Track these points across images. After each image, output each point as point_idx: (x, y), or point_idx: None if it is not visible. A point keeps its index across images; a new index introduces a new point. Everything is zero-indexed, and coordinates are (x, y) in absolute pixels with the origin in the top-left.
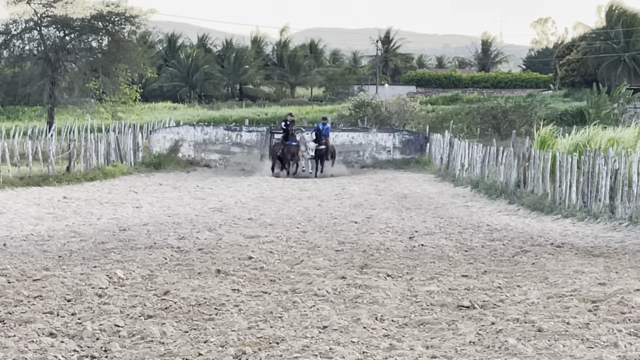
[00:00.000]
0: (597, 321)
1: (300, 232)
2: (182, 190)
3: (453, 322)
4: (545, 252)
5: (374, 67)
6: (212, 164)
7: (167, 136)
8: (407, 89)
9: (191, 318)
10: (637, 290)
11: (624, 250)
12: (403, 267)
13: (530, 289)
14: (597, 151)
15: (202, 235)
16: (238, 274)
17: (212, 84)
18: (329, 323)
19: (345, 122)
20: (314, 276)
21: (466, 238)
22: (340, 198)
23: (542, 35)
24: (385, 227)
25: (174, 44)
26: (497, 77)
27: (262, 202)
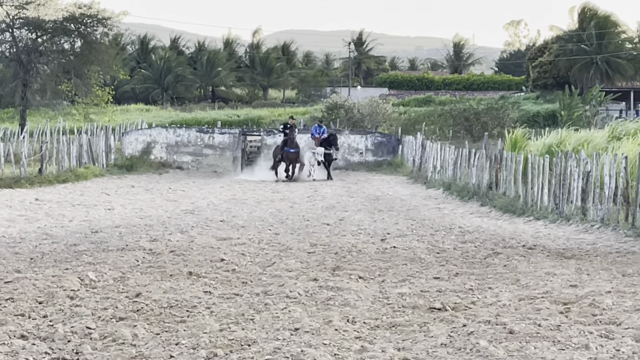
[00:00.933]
0: (568, 323)
1: (272, 234)
2: (154, 192)
3: (425, 324)
4: (517, 254)
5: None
6: (184, 166)
7: (140, 138)
8: (380, 91)
9: (163, 320)
10: (608, 292)
11: (596, 252)
12: (375, 269)
13: (502, 291)
14: (569, 153)
15: (174, 238)
16: (210, 276)
17: (185, 86)
18: (301, 325)
19: None
20: (286, 278)
21: (438, 240)
22: (313, 200)
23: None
24: (357, 229)
25: (146, 46)
26: (470, 79)
27: (235, 204)
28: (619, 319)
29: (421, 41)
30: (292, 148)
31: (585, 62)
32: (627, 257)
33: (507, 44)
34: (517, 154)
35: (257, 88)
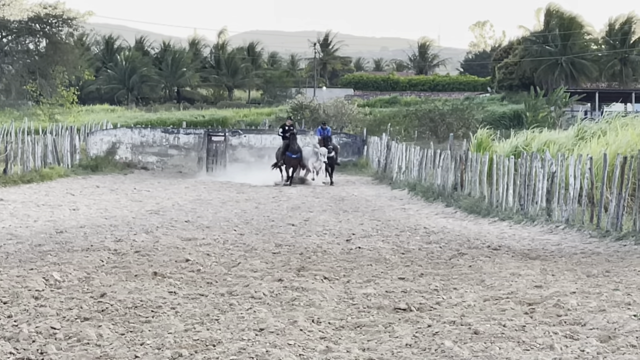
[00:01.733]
0: (533, 324)
1: (237, 234)
2: (119, 193)
3: (390, 324)
4: (482, 255)
5: (312, 70)
6: (149, 167)
7: (105, 138)
8: (345, 92)
9: (127, 320)
10: (573, 293)
11: (561, 253)
12: (340, 269)
13: (467, 292)
14: (534, 154)
15: (139, 238)
16: (175, 276)
17: (150, 86)
18: (266, 325)
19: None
20: (251, 279)
21: (403, 241)
22: (278, 200)
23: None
24: (322, 229)
25: (112, 46)
26: (435, 80)
27: (200, 205)
28: (584, 319)
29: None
30: (294, 153)
31: (550, 63)
32: (592, 258)
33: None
34: (482, 155)
35: (222, 88)
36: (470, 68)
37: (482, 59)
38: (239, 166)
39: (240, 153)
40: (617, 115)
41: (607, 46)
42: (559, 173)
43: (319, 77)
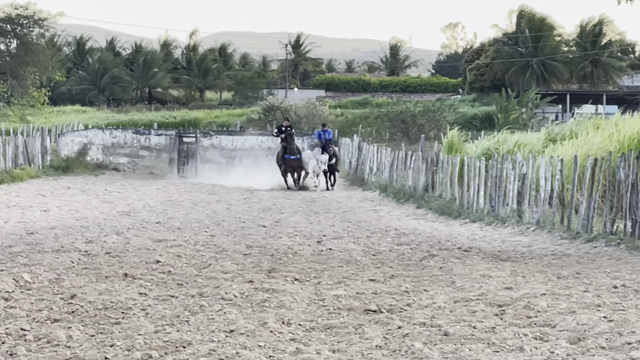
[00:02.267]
0: (503, 325)
1: (208, 235)
2: (90, 194)
3: (360, 326)
4: (452, 257)
5: (284, 71)
6: (120, 168)
7: (76, 140)
8: (317, 93)
9: (98, 322)
10: (543, 295)
11: (531, 254)
12: (311, 271)
13: (437, 293)
14: (505, 155)
15: (109, 239)
16: (145, 277)
17: (121, 87)
18: (236, 327)
19: (254, 126)
20: (222, 280)
21: (374, 242)
22: (249, 202)
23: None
24: (293, 231)
25: (83, 47)
26: (407, 81)
27: (171, 206)
28: (554, 321)
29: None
30: (293, 154)
31: (522, 65)
32: (562, 260)
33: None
34: (454, 157)
35: (193, 90)
36: (442, 69)
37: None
38: (210, 167)
39: (212, 154)
40: (588, 117)
41: (578, 48)
42: (529, 175)
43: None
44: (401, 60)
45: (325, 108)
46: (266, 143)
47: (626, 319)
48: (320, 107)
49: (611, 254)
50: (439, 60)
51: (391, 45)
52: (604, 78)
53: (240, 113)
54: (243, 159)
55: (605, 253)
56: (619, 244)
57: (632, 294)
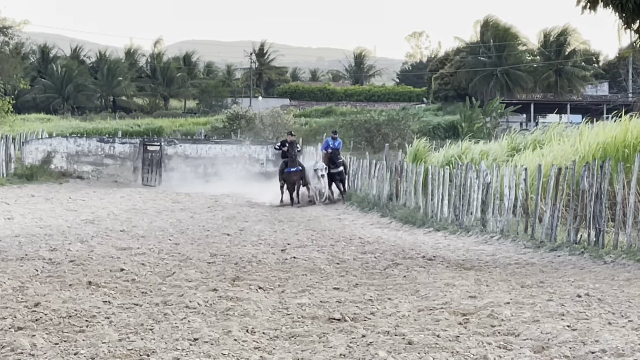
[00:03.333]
0: (467, 334)
1: (172, 244)
2: (54, 202)
3: (324, 334)
4: (417, 266)
5: (248, 80)
6: (85, 176)
7: (40, 148)
8: (281, 102)
9: (62, 330)
10: (507, 304)
11: (495, 263)
12: (275, 279)
13: (402, 302)
14: (469, 165)
15: (74, 247)
16: (110, 286)
17: (86, 95)
18: (200, 336)
19: (219, 135)
20: (186, 288)
21: (338, 251)
22: (213, 210)
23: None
24: (257, 239)
25: (48, 56)
26: (371, 90)
27: (135, 214)
28: (518, 330)
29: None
30: (293, 167)
31: (486, 75)
32: (526, 269)
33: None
34: (418, 166)
35: (158, 98)
36: (407, 79)
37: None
38: (174, 176)
39: (176, 163)
40: (551, 127)
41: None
42: (494, 184)
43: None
44: (366, 70)
45: (290, 117)
46: (230, 152)
47: (590, 328)
48: (285, 116)
49: (575, 263)
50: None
51: (356, 54)
52: (568, 88)
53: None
54: (208, 167)
55: (569, 262)
56: (583, 253)
57: (596, 303)
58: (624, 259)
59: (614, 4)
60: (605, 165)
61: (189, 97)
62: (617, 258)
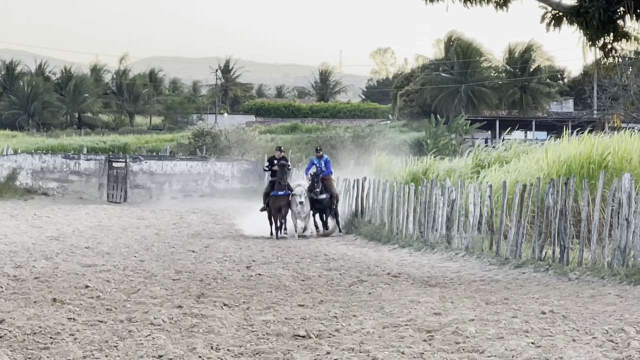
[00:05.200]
0: (431, 351)
1: (137, 261)
2: (19, 219)
3: (289, 351)
4: (381, 282)
5: (214, 96)
6: (50, 192)
7: (5, 164)
8: (247, 118)
9: (26, 347)
10: (471, 320)
11: (460, 280)
12: (240, 296)
13: (366, 319)
14: (434, 181)
15: (38, 264)
16: (74, 302)
17: (51, 112)
18: (165, 352)
19: (184, 151)
20: (151, 305)
21: (303, 267)
22: (179, 227)
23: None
24: (222, 256)
25: (13, 72)
26: (336, 107)
27: (100, 231)
28: (482, 346)
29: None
30: (280, 190)
31: (451, 91)
32: (491, 285)
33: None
34: (383, 182)
35: (123, 114)
36: (372, 95)
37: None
38: (140, 192)
39: (141, 179)
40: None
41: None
42: (458, 200)
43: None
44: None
45: (255, 133)
46: (196, 168)
47: (554, 345)
48: (251, 132)
49: (540, 280)
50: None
51: (321, 70)
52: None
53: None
54: (173, 184)
55: (534, 279)
56: (548, 269)
57: (560, 319)
58: (588, 276)
59: (578, 21)
60: (570, 182)
61: (155, 114)
62: (582, 274)
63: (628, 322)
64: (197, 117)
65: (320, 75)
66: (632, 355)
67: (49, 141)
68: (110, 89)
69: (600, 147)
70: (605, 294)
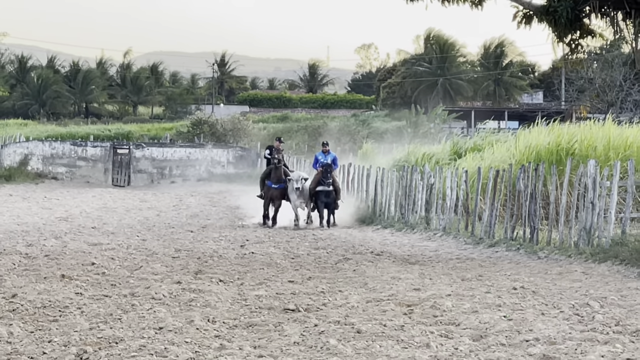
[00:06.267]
0: (411, 323)
1: (140, 240)
2: (30, 201)
3: (279, 324)
4: (365, 260)
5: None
6: (59, 177)
7: (18, 150)
8: (241, 109)
9: (37, 319)
10: (448, 295)
11: (438, 258)
12: (234, 273)
13: (351, 294)
14: (414, 167)
15: (48, 243)
16: (81, 278)
17: (61, 102)
18: (165, 324)
19: (183, 139)
20: (152, 281)
21: (293, 246)
22: (178, 209)
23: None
24: (218, 236)
25: (25, 65)
26: (324, 98)
27: (105, 212)
28: (458, 320)
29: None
30: (275, 182)
31: (430, 84)
32: (466, 263)
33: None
34: (367, 168)
35: (127, 105)
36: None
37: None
38: (142, 177)
39: (143, 164)
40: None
41: (482, 68)
42: (437, 185)
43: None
44: (319, 79)
45: (249, 122)
46: (194, 154)
47: (524, 318)
48: (245, 121)
49: (511, 258)
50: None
51: (310, 64)
52: (506, 96)
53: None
54: (173, 169)
55: (506, 257)
56: (519, 249)
57: (530, 295)
58: (556, 254)
59: (547, 19)
60: (539, 168)
61: (156, 104)
62: (550, 253)
63: (593, 297)
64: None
65: (309, 69)
66: (597, 328)
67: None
68: (115, 81)
69: (568, 135)
70: (572, 271)
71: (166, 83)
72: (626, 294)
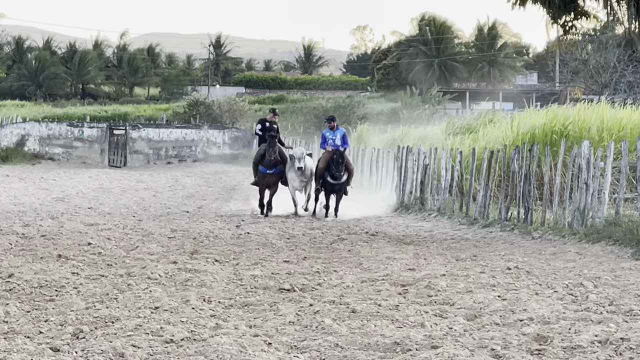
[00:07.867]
0: (406, 303)
1: (136, 220)
2: (27, 182)
3: (274, 303)
4: (360, 240)
5: (206, 70)
6: (55, 157)
7: (14, 131)
8: (237, 90)
9: (33, 299)
10: (442, 275)
11: (432, 238)
12: (230, 253)
13: (346, 274)
14: (409, 148)
15: (45, 223)
16: (78, 258)
17: (57, 83)
18: (161, 304)
19: (179, 120)
20: (148, 261)
21: (288, 227)
22: (174, 189)
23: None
24: (214, 216)
25: (22, 46)
26: (319, 79)
27: (102, 193)
28: (452, 299)
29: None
30: (270, 167)
31: (424, 65)
32: (461, 243)
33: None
34: (362, 148)
35: (124, 86)
36: (352, 69)
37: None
38: (138, 157)
39: (140, 145)
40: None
41: (476, 49)
42: (431, 165)
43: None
44: (314, 60)
45: (244, 103)
46: (190, 135)
47: (518, 298)
48: (240, 102)
49: (505, 239)
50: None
51: (305, 46)
52: (500, 77)
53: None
54: (169, 150)
55: (500, 237)
56: (513, 229)
57: (524, 275)
58: (550, 235)
59: (541, 1)
60: (534, 149)
61: (152, 85)
62: (544, 234)
63: (586, 277)
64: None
65: (304, 50)
66: (590, 307)
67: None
68: (112, 62)
69: (562, 117)
70: (565, 252)
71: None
72: (620, 274)
